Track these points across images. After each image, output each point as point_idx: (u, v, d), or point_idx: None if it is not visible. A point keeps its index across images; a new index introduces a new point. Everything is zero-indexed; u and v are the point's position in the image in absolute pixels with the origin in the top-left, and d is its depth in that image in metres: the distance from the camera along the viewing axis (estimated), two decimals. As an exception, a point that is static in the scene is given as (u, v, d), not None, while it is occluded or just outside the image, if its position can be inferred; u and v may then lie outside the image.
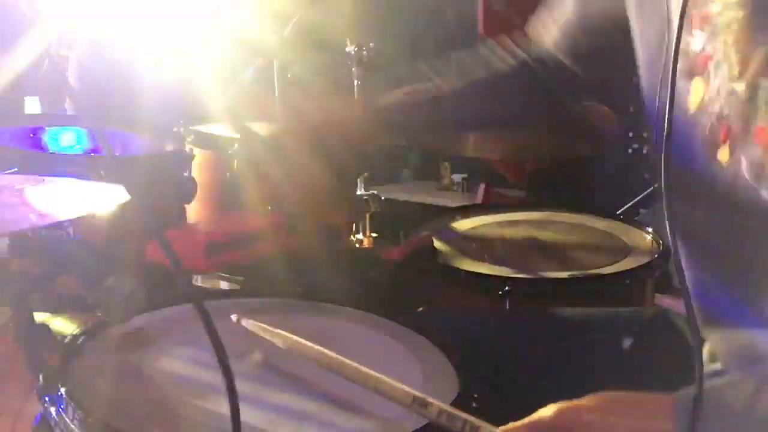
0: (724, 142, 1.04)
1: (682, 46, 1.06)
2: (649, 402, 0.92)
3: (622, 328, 1.33)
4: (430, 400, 0.92)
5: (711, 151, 1.06)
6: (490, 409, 0.98)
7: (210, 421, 0.95)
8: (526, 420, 0.92)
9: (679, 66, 1.06)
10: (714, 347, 1.12)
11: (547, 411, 0.92)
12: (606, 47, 1.32)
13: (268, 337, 1.08)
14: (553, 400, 0.95)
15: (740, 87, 1.00)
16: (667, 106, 0.88)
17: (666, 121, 0.88)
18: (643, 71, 1.18)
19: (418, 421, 0.96)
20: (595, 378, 1.10)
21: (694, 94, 1.06)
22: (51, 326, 1.01)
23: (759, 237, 1.02)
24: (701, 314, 1.14)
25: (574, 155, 2.59)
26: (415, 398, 0.92)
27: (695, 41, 1.05)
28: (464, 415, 0.90)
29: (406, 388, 0.94)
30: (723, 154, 1.04)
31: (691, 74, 1.06)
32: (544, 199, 3.29)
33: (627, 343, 1.26)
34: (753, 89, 0.99)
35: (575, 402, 0.93)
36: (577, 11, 1.35)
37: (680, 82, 1.07)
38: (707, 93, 1.05)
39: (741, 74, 1.00)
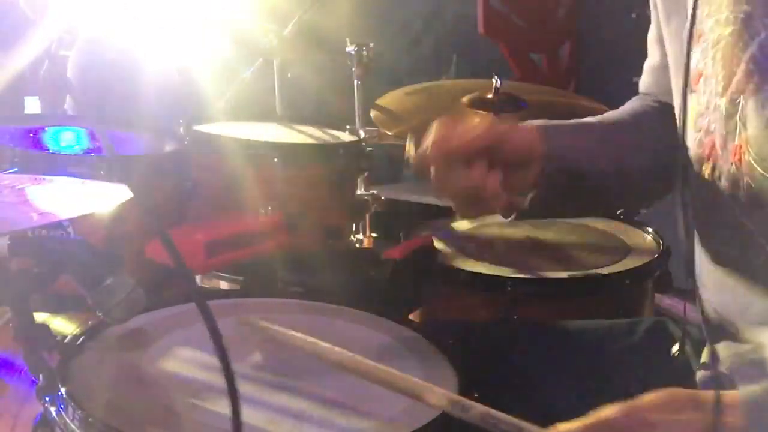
0: (708, 158, 1.04)
1: (686, 61, 1.07)
2: (713, 398, 0.88)
3: (620, 336, 1.33)
4: (470, 402, 0.90)
5: (698, 167, 1.06)
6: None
7: (210, 421, 0.95)
8: (586, 420, 0.88)
9: (683, 80, 1.07)
10: (720, 352, 1.12)
11: (608, 411, 0.88)
12: None
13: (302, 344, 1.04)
14: (552, 400, 0.95)
15: (722, 103, 1.00)
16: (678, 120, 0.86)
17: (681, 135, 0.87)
18: (672, 78, 1.18)
19: (418, 421, 0.96)
20: (592, 381, 1.11)
21: (691, 109, 1.07)
22: (51, 326, 1.01)
23: (738, 254, 1.02)
24: (709, 319, 1.14)
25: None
26: (454, 402, 0.90)
27: (694, 57, 1.05)
28: (507, 417, 0.88)
29: (443, 391, 0.92)
30: (707, 170, 1.04)
31: (691, 90, 1.06)
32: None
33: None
34: (732, 106, 0.98)
35: (637, 402, 0.89)
36: None
37: (686, 97, 1.08)
38: (699, 108, 1.05)
39: (724, 90, 0.99)
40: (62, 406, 0.95)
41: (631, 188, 1.30)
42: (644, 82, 1.39)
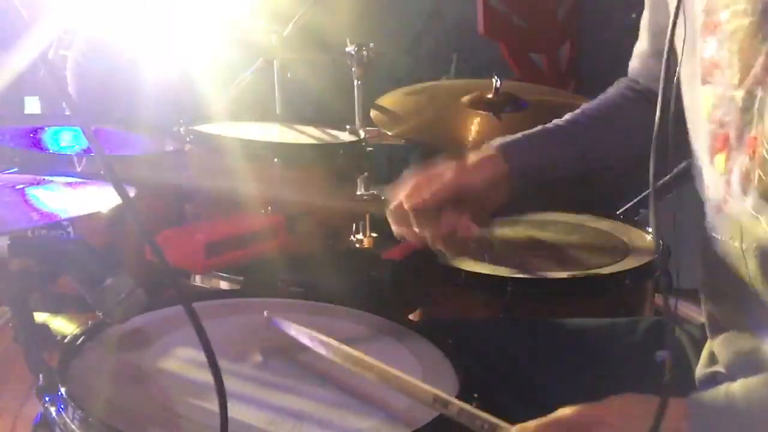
0: (722, 150, 1.04)
1: (698, 53, 1.07)
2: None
3: (619, 335, 1.33)
4: (450, 399, 0.96)
5: (710, 158, 1.06)
6: (489, 409, 0.98)
7: (210, 421, 0.95)
8: (545, 419, 0.93)
9: (696, 71, 1.07)
10: (717, 351, 1.12)
11: (566, 411, 0.93)
12: None
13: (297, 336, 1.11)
14: (552, 400, 0.95)
15: (739, 95, 1.00)
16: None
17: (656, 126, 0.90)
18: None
19: (417, 421, 0.96)
20: (592, 381, 1.11)
21: (705, 101, 1.06)
22: (51, 326, 1.01)
23: (745, 247, 1.02)
24: (707, 317, 1.14)
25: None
26: (436, 398, 0.96)
27: (707, 48, 1.05)
28: (483, 414, 0.93)
29: (427, 387, 0.98)
30: (719, 162, 1.04)
31: (703, 81, 1.06)
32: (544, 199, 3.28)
33: (660, 356, 1.27)
34: (749, 98, 0.99)
35: (595, 404, 0.94)
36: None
37: (695, 89, 1.08)
38: (714, 100, 1.05)
39: (741, 82, 1.00)
40: (62, 406, 0.95)
41: (600, 185, 1.36)
42: (633, 67, 1.41)
